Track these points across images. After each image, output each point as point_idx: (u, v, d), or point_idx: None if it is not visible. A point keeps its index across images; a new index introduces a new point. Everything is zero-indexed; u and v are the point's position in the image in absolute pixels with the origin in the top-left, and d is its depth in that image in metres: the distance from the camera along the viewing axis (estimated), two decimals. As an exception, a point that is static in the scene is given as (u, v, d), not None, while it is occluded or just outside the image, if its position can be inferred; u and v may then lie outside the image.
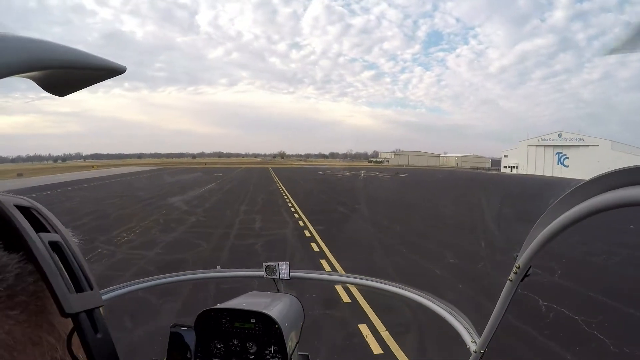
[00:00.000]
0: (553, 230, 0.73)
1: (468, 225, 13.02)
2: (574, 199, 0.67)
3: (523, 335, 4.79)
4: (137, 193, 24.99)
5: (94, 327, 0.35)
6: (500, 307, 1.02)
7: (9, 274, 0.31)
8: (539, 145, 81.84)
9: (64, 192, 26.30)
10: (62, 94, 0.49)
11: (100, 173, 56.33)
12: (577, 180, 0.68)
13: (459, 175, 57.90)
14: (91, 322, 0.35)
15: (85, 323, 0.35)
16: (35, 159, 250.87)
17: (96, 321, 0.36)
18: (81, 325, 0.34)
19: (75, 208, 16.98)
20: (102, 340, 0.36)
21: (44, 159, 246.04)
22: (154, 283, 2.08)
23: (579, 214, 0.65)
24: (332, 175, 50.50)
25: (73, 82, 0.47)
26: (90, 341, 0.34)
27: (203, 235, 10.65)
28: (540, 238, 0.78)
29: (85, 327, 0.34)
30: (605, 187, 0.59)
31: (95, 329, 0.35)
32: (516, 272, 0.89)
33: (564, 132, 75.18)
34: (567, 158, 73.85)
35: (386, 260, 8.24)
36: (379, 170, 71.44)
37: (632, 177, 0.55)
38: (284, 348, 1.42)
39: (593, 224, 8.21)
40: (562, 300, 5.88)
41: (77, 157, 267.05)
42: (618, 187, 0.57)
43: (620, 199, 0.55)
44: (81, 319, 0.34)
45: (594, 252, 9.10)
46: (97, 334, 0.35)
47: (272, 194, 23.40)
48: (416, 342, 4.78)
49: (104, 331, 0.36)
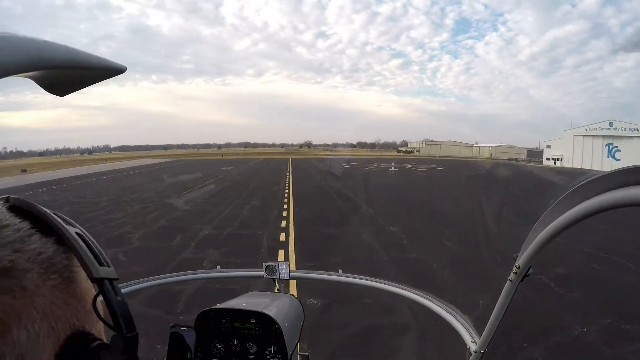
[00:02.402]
0: (553, 231, 0.74)
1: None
2: (574, 199, 0.67)
3: None
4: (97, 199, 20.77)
5: (114, 291, 0.43)
6: (500, 307, 1.03)
7: (48, 249, 0.40)
8: (586, 135, 72.76)
9: (48, 190, 25.18)
10: (62, 94, 0.50)
11: (108, 167, 53.73)
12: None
13: (507, 170, 50.02)
14: (112, 288, 0.43)
15: (108, 287, 0.43)
16: (64, 152, 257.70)
17: (115, 288, 0.44)
18: (105, 289, 0.42)
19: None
20: (121, 302, 0.43)
21: (72, 152, 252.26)
22: (153, 283, 2.10)
23: (579, 214, 0.65)
24: (357, 168, 43.47)
25: (73, 81, 0.49)
26: (112, 301, 0.42)
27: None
28: (540, 238, 0.78)
29: (108, 291, 0.42)
30: (605, 187, 0.59)
31: (115, 293, 0.43)
32: (516, 272, 0.90)
33: (615, 121, 66.35)
34: (618, 150, 65.04)
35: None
36: (410, 162, 62.98)
37: (632, 177, 0.54)
38: (284, 348, 1.43)
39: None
40: None
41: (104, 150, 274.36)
42: (618, 187, 0.56)
43: (620, 199, 0.55)
44: (105, 284, 0.42)
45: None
46: (117, 297, 0.43)
47: (265, 211, 14.60)
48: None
49: (121, 296, 0.44)
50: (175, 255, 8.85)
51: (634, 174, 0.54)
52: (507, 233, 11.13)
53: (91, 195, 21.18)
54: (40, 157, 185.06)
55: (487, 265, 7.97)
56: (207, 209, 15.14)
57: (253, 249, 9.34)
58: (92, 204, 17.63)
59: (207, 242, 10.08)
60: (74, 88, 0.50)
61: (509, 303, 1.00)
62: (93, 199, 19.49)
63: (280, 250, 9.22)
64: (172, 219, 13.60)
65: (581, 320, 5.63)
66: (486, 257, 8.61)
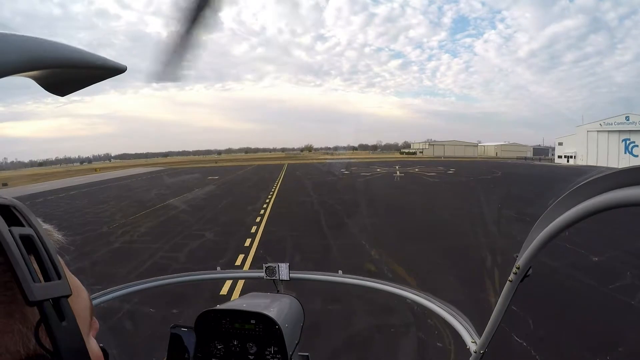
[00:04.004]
0: (553, 231, 0.74)
1: None
2: (574, 199, 0.67)
3: None
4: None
5: (59, 315, 0.36)
6: (500, 308, 1.04)
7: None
8: (601, 131, 69.20)
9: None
10: (62, 93, 0.50)
11: (90, 178, 50.48)
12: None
13: (526, 170, 45.33)
14: (57, 311, 0.36)
15: (50, 311, 0.35)
16: (64, 161, 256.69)
17: (63, 310, 0.36)
18: (46, 313, 0.35)
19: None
20: (68, 329, 0.36)
21: (72, 161, 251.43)
22: (153, 285, 2.12)
23: (579, 215, 0.65)
24: (358, 175, 37.99)
25: (73, 81, 0.48)
26: (54, 329, 0.35)
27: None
28: (540, 238, 0.78)
29: (50, 315, 0.35)
30: (605, 187, 0.59)
31: (61, 317, 0.36)
32: (516, 272, 0.91)
33: (632, 115, 62.72)
34: (636, 146, 62.02)
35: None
36: (415, 164, 58.12)
37: (632, 177, 0.55)
38: (284, 348, 1.45)
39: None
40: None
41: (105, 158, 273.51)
42: (618, 187, 0.56)
43: (620, 199, 0.55)
44: (46, 307, 0.35)
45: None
46: (63, 322, 0.36)
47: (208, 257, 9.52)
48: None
49: (70, 320, 0.36)
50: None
51: (634, 174, 0.54)
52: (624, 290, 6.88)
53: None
54: (40, 168, 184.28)
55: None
56: (123, 261, 9.76)
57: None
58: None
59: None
60: (74, 87, 0.49)
61: (509, 303, 1.00)
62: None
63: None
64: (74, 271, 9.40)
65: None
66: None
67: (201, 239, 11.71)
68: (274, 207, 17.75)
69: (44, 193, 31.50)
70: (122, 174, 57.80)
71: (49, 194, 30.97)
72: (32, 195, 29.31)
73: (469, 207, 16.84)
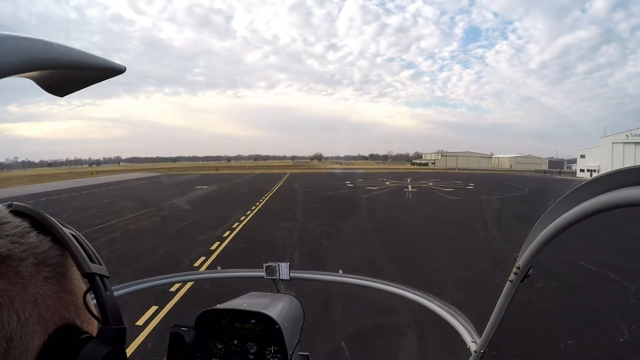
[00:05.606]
0: (553, 231, 0.73)
1: None
2: (574, 199, 0.67)
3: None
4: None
5: (105, 287, 0.45)
6: (500, 308, 1.03)
7: (44, 245, 0.42)
8: (627, 143, 65.13)
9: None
10: (62, 94, 0.51)
11: (83, 182, 48.06)
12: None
13: (549, 187, 40.24)
14: (103, 284, 0.45)
15: (98, 283, 0.44)
16: (74, 162, 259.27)
17: (105, 284, 0.45)
18: (95, 284, 0.44)
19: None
20: (110, 297, 0.45)
21: (83, 163, 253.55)
22: (152, 284, 2.09)
23: (579, 215, 0.65)
24: (363, 190, 32.26)
25: (73, 82, 0.49)
26: (101, 295, 0.44)
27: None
28: (540, 239, 0.78)
29: (98, 286, 0.44)
30: (605, 188, 0.59)
31: (105, 288, 0.45)
32: (516, 272, 0.90)
33: (662, 125, 57.59)
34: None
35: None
36: (428, 177, 53.61)
37: (632, 177, 0.54)
38: (284, 348, 1.44)
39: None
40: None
41: (115, 161, 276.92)
42: (618, 187, 0.56)
43: (620, 199, 0.55)
44: (95, 280, 0.44)
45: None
46: (107, 292, 0.45)
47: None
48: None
49: (111, 291, 0.46)
50: None
51: (634, 174, 0.54)
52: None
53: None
54: (49, 168, 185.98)
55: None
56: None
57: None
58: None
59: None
60: (74, 88, 0.50)
61: (509, 303, 1.00)
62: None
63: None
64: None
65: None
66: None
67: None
68: (232, 242, 12.25)
69: (10, 198, 28.21)
70: (111, 179, 55.52)
71: (15, 199, 27.63)
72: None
73: (516, 247, 11.68)
